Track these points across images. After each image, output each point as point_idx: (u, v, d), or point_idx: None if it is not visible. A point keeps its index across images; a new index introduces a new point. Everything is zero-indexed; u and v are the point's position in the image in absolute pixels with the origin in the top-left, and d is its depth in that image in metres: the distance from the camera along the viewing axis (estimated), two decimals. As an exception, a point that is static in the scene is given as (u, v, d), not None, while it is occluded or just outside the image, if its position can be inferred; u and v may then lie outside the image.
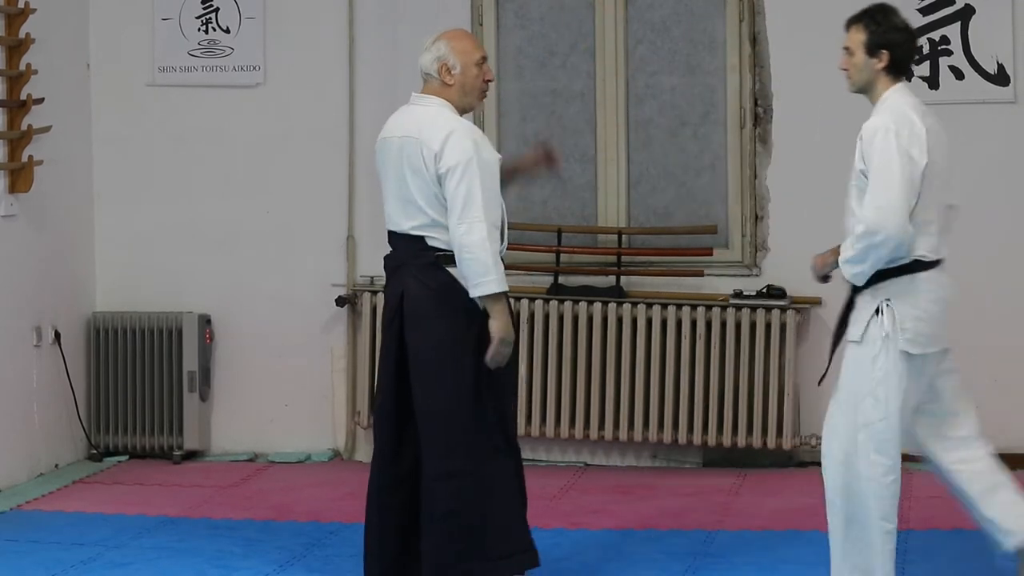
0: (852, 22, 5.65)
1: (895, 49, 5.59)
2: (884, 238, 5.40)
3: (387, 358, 5.85)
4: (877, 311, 5.52)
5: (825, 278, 5.87)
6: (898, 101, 5.57)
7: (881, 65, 5.59)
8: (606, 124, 8.37)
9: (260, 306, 8.58)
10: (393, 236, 5.80)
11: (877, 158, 5.45)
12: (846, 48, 5.65)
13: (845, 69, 5.68)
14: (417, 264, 5.71)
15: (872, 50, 5.58)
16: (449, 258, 5.66)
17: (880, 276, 5.52)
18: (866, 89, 5.66)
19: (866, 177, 5.49)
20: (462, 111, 5.79)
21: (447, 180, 5.58)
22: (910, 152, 5.46)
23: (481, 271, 5.57)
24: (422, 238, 5.69)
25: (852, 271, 5.53)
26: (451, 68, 5.73)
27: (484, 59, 5.82)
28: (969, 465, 5.79)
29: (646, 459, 8.37)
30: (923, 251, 5.55)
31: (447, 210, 5.60)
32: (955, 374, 5.77)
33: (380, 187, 5.89)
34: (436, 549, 5.69)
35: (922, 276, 5.56)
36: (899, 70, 5.64)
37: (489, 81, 5.84)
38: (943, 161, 5.66)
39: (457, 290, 5.65)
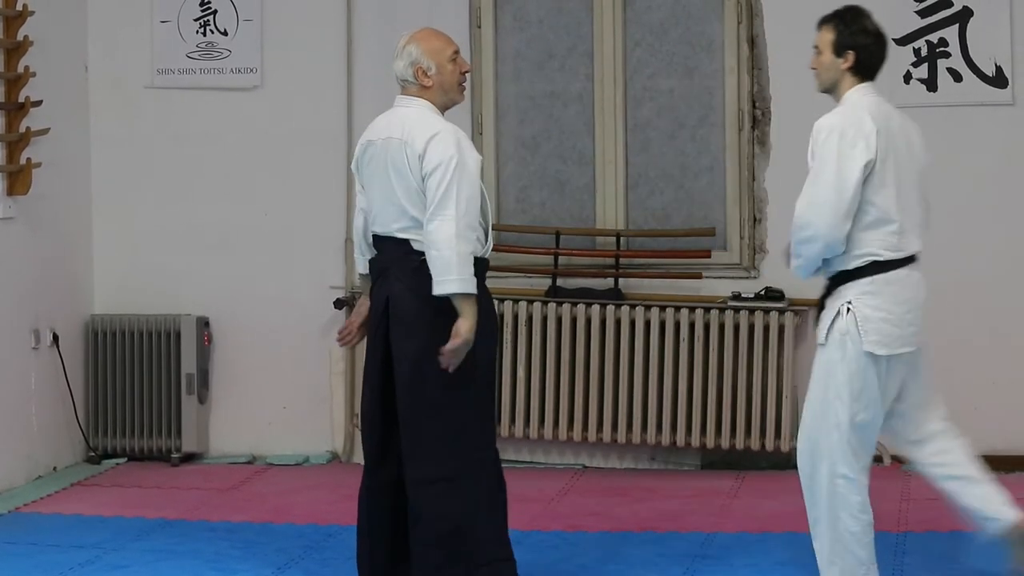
0: (822, 22, 5.71)
1: (861, 51, 5.63)
2: (812, 234, 5.48)
3: (373, 362, 5.82)
4: (839, 313, 5.54)
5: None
6: (856, 100, 5.60)
7: (846, 65, 5.63)
8: (604, 126, 8.37)
9: (258, 308, 8.58)
10: (378, 239, 5.77)
11: (817, 156, 5.53)
12: (815, 47, 5.71)
13: (814, 68, 5.73)
14: (403, 268, 5.68)
15: (839, 50, 5.63)
16: None
17: (843, 277, 5.55)
18: (832, 89, 5.71)
19: None
20: (444, 108, 5.79)
21: (429, 179, 5.56)
22: (852, 152, 5.47)
23: (443, 269, 5.50)
24: (407, 241, 5.67)
25: (793, 264, 5.61)
26: (427, 70, 5.72)
27: (456, 52, 5.80)
28: (942, 457, 5.80)
29: (644, 461, 8.37)
30: (879, 250, 5.53)
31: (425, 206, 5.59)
32: (925, 371, 5.77)
33: (358, 189, 5.89)
34: (420, 554, 5.69)
35: (883, 277, 5.54)
36: (865, 72, 5.66)
37: (466, 72, 5.84)
38: (909, 161, 5.64)
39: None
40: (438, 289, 5.53)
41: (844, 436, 5.55)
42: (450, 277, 5.50)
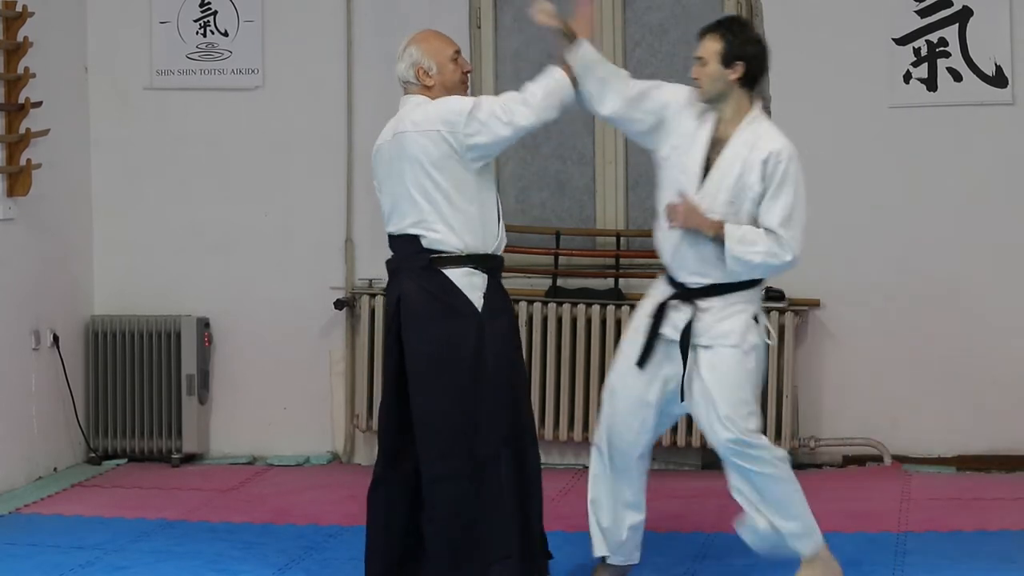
0: (706, 32, 5.68)
1: (751, 61, 5.62)
2: (793, 263, 5.61)
3: (388, 360, 5.87)
4: (755, 319, 5.70)
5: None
6: (771, 125, 5.71)
7: (735, 76, 5.61)
8: (604, 126, 8.36)
9: (259, 309, 8.58)
10: (391, 238, 5.81)
11: (791, 186, 5.58)
12: (699, 57, 5.66)
13: (696, 79, 5.68)
14: (414, 266, 5.71)
15: (727, 61, 5.61)
16: (445, 259, 5.66)
17: (746, 285, 5.68)
18: (717, 100, 5.67)
19: (758, 197, 5.61)
20: None
21: (471, 117, 5.64)
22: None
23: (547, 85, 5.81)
24: (417, 238, 5.69)
25: (737, 269, 5.62)
26: (427, 70, 5.76)
27: (458, 52, 5.84)
28: None
29: (645, 461, 8.36)
30: None
31: (491, 132, 5.66)
32: None
33: (376, 196, 5.90)
34: (433, 551, 5.71)
35: None
36: (752, 83, 5.67)
37: (468, 73, 5.86)
38: None
39: (454, 291, 5.66)
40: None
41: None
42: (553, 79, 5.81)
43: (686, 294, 5.73)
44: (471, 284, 5.69)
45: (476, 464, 5.68)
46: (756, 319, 5.74)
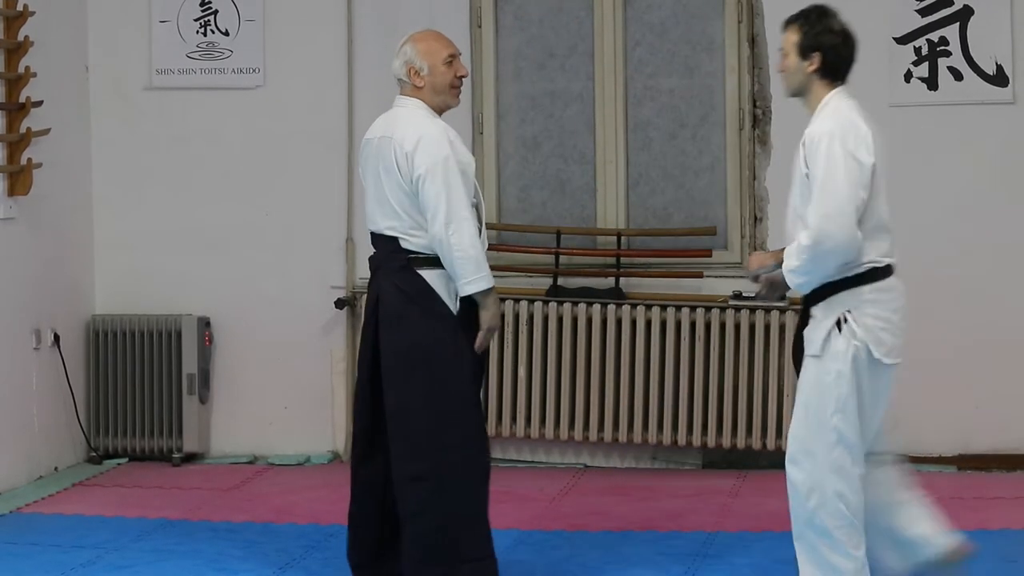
0: (787, 23, 5.47)
1: (828, 52, 5.39)
2: (833, 246, 5.19)
3: (363, 358, 5.91)
4: (838, 323, 5.31)
5: (757, 278, 5.66)
6: (839, 106, 5.37)
7: (812, 68, 5.39)
8: (605, 126, 8.37)
9: (259, 308, 8.58)
10: (373, 236, 5.87)
11: (822, 165, 5.24)
12: (781, 50, 5.49)
13: (782, 71, 5.52)
14: (392, 267, 5.77)
15: (804, 52, 5.39)
16: (422, 261, 5.70)
17: (835, 286, 5.31)
18: (801, 92, 5.47)
19: (809, 182, 5.30)
20: (440, 110, 5.83)
21: (425, 183, 5.62)
22: (856, 155, 5.24)
23: (474, 269, 5.63)
24: (396, 239, 5.74)
25: (797, 281, 5.34)
26: (419, 70, 5.77)
27: (453, 56, 5.82)
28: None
29: (646, 460, 8.37)
30: (875, 256, 5.33)
31: (427, 213, 5.64)
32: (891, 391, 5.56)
33: (362, 187, 5.95)
34: (409, 549, 5.74)
35: (881, 284, 5.35)
36: (833, 74, 5.42)
37: (462, 77, 5.85)
38: (885, 165, 5.41)
39: (430, 293, 5.70)
40: (469, 289, 5.64)
41: (847, 451, 5.36)
42: (482, 274, 5.65)
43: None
44: (447, 286, 5.72)
45: (447, 464, 5.69)
46: (839, 323, 5.34)
